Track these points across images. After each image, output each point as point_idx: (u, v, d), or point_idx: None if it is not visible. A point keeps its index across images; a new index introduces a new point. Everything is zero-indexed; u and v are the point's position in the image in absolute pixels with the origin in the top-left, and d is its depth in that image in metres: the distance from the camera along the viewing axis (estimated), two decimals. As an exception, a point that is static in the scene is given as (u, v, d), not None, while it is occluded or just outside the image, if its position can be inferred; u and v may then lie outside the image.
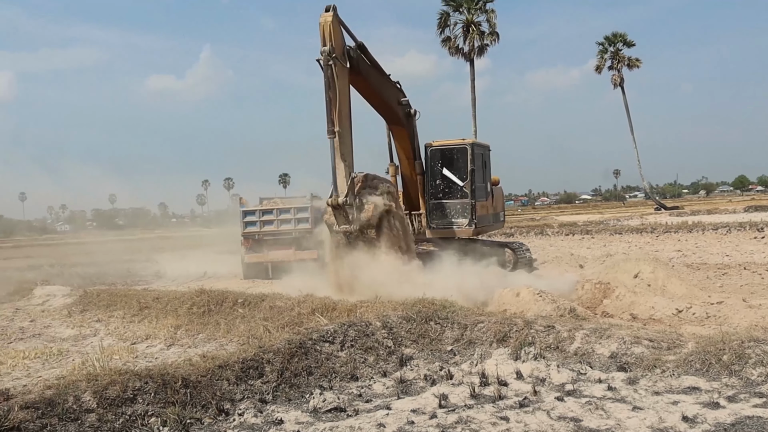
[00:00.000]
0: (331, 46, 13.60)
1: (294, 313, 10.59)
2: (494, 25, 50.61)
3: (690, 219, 33.36)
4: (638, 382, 6.47)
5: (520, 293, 11.66)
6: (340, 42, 14.01)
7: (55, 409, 5.71)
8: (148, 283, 20.17)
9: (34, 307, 16.08)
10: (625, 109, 61.96)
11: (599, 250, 24.47)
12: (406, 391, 6.86)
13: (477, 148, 17.86)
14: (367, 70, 15.49)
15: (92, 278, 22.54)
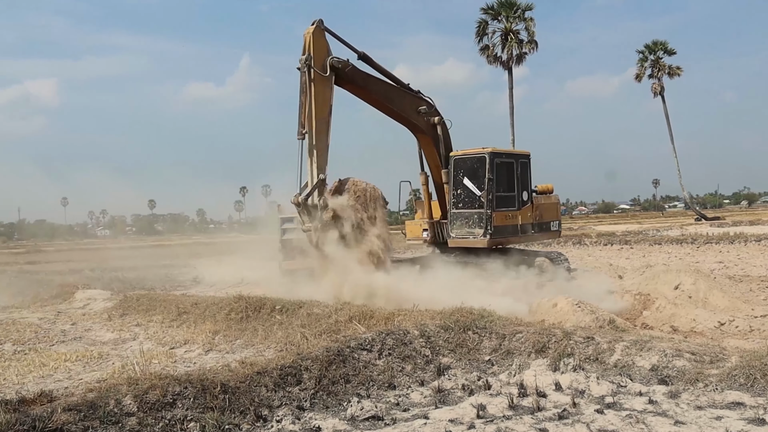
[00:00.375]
0: (309, 55, 14.62)
1: (331, 320, 10.61)
2: (533, 34, 50.47)
3: (732, 230, 32.84)
4: (680, 396, 6.37)
5: (558, 304, 11.56)
6: (320, 52, 14.90)
7: (97, 412, 5.79)
8: (187, 289, 20.35)
9: (75, 311, 16.32)
10: (665, 118, 61.21)
11: (638, 261, 24.20)
12: (443, 401, 6.83)
13: (499, 157, 17.55)
14: (364, 80, 16.13)
15: (131, 283, 22.80)
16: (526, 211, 18.02)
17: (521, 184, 17.98)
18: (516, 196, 17.82)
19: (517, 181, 17.85)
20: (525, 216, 18.03)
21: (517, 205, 17.79)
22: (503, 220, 17.47)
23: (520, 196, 17.92)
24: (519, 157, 18.45)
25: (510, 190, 17.77)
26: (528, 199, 18.14)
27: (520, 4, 49.95)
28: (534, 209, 18.35)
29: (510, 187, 17.77)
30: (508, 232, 17.70)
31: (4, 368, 10.07)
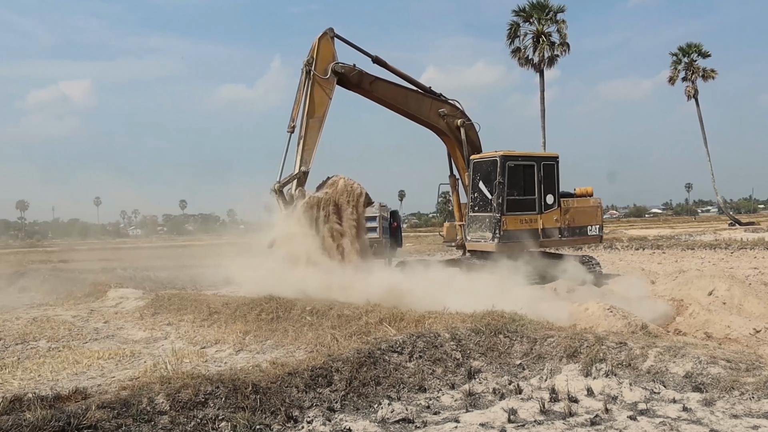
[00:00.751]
0: (311, 58, 15.89)
1: (362, 322, 10.61)
2: (565, 36, 50.16)
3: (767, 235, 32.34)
4: (715, 403, 6.28)
5: (589, 308, 11.48)
6: (325, 57, 16.10)
7: (130, 410, 5.85)
8: (217, 289, 20.47)
9: (107, 309, 16.51)
10: (699, 121, 60.47)
11: (671, 266, 23.93)
12: (474, 405, 6.80)
13: (513, 160, 17.43)
14: (371, 84, 16.96)
15: (163, 282, 22.99)
16: (551, 215, 17.80)
17: (544, 188, 17.77)
18: (536, 199, 17.66)
19: (539, 185, 17.68)
20: (549, 220, 17.82)
21: (538, 209, 17.63)
22: (517, 225, 17.38)
23: (543, 200, 17.73)
24: (542, 159, 18.15)
25: (528, 194, 17.62)
26: (554, 202, 17.92)
27: (552, 6, 49.67)
28: (563, 213, 18.11)
29: (528, 191, 17.62)
30: (524, 237, 17.51)
31: (39, 365, 10.22)
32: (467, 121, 18.21)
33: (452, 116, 18.11)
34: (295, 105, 15.83)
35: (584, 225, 18.59)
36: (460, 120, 18.06)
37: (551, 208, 17.85)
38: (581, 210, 18.57)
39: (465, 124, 18.06)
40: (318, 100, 15.89)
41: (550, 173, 17.98)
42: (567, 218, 18.16)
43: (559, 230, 18.03)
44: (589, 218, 18.70)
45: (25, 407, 5.75)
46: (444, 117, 18.02)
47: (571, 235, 18.40)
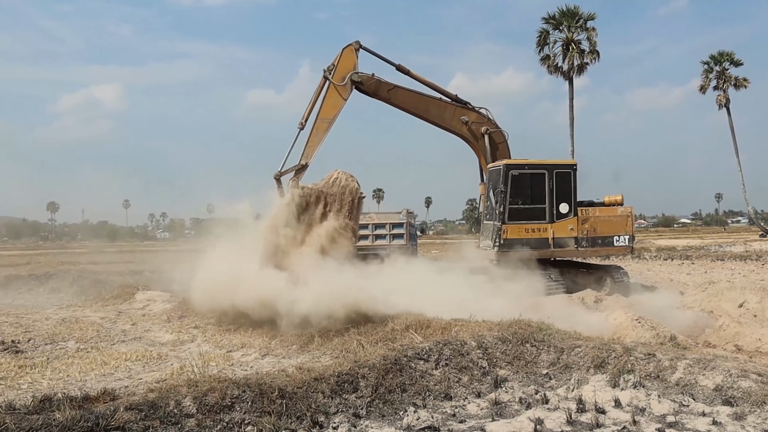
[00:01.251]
0: (333, 65, 16.75)
1: (388, 328, 10.62)
2: (594, 44, 49.73)
3: (799, 247, 31.90)
4: (746, 418, 6.19)
5: (617, 318, 11.37)
6: (345, 66, 16.89)
7: (157, 412, 5.89)
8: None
9: (135, 311, 16.67)
10: (730, 131, 59.75)
11: (700, 277, 23.66)
12: (500, 414, 6.76)
13: (518, 169, 17.49)
14: (389, 92, 17.52)
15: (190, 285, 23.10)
16: (565, 224, 17.61)
17: (557, 196, 17.62)
18: (547, 208, 17.56)
19: (551, 193, 17.59)
20: (563, 229, 17.66)
21: (549, 218, 17.53)
22: (521, 233, 17.40)
23: (555, 209, 17.59)
24: (554, 168, 17.90)
25: (536, 202, 17.55)
26: (570, 211, 17.71)
27: (582, 14, 49.31)
28: (581, 222, 17.84)
29: (537, 200, 17.55)
30: (530, 246, 17.47)
31: (68, 365, 10.34)
32: (494, 129, 18.19)
33: (478, 123, 18.13)
34: (310, 104, 16.75)
35: (609, 235, 18.13)
36: (485, 128, 18.07)
37: (565, 217, 17.65)
38: (605, 219, 18.19)
39: (490, 131, 18.07)
40: (330, 103, 16.74)
41: (564, 182, 17.75)
42: (586, 227, 17.84)
43: (575, 240, 17.75)
44: (615, 228, 18.21)
45: (55, 407, 5.81)
46: (467, 124, 18.11)
47: (592, 245, 18.01)
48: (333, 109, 16.81)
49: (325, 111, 16.64)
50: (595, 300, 14.72)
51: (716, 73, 58.85)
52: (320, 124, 16.60)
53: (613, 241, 18.18)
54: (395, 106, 17.82)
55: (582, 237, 17.80)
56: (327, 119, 16.70)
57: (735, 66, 58.70)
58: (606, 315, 11.80)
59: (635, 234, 18.64)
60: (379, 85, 17.33)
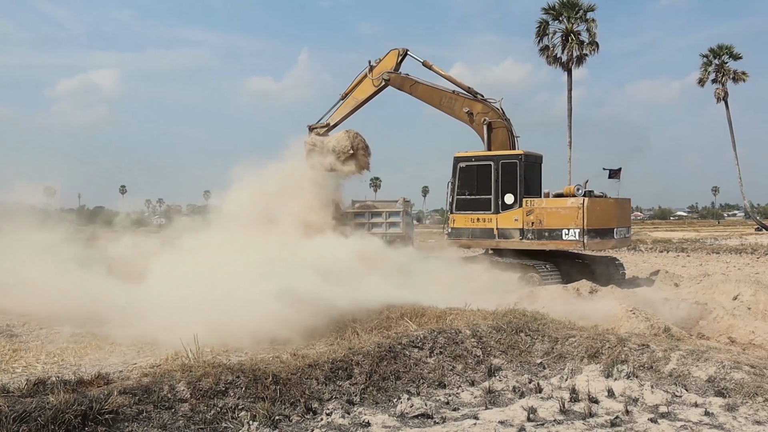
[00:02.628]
0: (378, 60, 20.29)
1: (382, 316, 10.63)
2: (594, 35, 49.64)
3: (794, 241, 31.96)
4: (738, 409, 6.22)
5: (612, 309, 11.40)
6: (384, 66, 20.17)
7: (151, 397, 5.91)
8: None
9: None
10: (728, 124, 59.75)
11: (695, 269, 23.71)
12: (494, 402, 6.79)
13: (465, 161, 18.27)
14: (410, 87, 19.99)
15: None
16: (510, 216, 17.60)
17: (502, 187, 17.71)
18: (492, 199, 17.74)
19: (496, 184, 17.69)
20: (507, 220, 17.66)
21: (494, 209, 17.68)
22: (466, 223, 18.05)
23: (500, 200, 17.71)
24: (501, 159, 17.91)
25: (482, 193, 17.87)
26: (515, 202, 17.63)
27: (582, 5, 49.20)
28: (526, 213, 17.52)
29: (482, 190, 17.86)
30: (475, 235, 18.01)
31: (63, 350, 10.32)
32: (496, 119, 18.35)
33: (482, 114, 18.56)
34: (353, 83, 20.65)
35: (557, 228, 17.24)
36: (485, 118, 18.31)
37: (510, 208, 17.63)
38: (553, 211, 17.40)
39: (488, 121, 18.30)
40: (362, 88, 20.53)
41: (510, 173, 17.73)
42: (531, 219, 17.44)
43: (521, 231, 17.54)
44: (564, 220, 17.15)
45: (49, 390, 5.82)
46: (470, 115, 18.61)
47: (537, 237, 17.43)
48: (362, 93, 20.52)
49: (358, 92, 20.59)
50: (591, 290, 14.74)
51: (715, 66, 58.73)
52: (350, 101, 20.68)
53: (561, 234, 17.23)
54: (417, 98, 20.09)
55: (527, 229, 17.48)
56: (356, 98, 20.60)
57: (734, 59, 58.59)
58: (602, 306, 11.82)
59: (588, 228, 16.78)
60: (403, 81, 19.99)
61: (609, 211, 17.56)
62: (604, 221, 17.23)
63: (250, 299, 10.75)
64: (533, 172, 18.31)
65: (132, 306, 12.06)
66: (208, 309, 10.39)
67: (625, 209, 18.86)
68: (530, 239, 17.47)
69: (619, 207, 18.26)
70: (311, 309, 10.60)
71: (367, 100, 20.60)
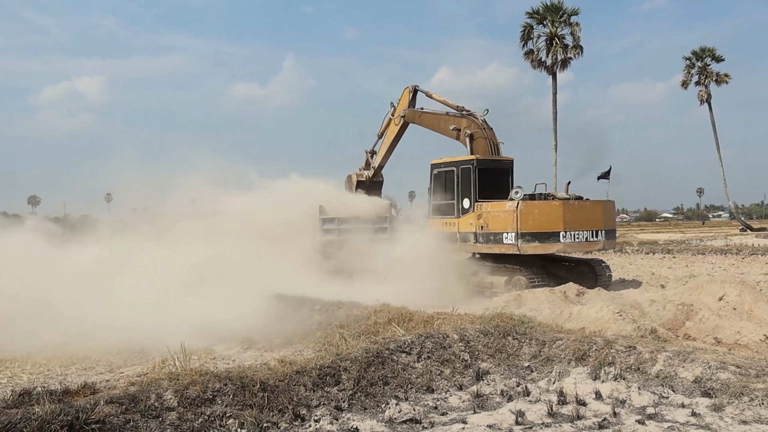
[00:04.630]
0: (396, 103, 22.33)
1: (370, 322, 10.62)
2: (578, 39, 49.76)
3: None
4: (724, 409, 6.25)
5: (599, 311, 11.43)
6: (402, 105, 22.10)
7: (138, 406, 5.87)
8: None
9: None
10: (711, 126, 60.14)
11: (681, 271, 23.84)
12: (482, 406, 6.79)
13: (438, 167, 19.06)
14: (418, 118, 21.57)
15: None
16: (467, 219, 17.70)
17: (461, 192, 17.87)
18: (455, 204, 18.01)
19: (456, 189, 17.89)
20: (465, 224, 17.72)
21: (456, 213, 17.91)
22: (441, 227, 18.37)
23: (460, 204, 17.88)
24: (460, 164, 18.22)
25: (448, 198, 18.19)
26: (470, 206, 17.70)
27: (566, 9, 49.33)
28: (477, 217, 17.53)
29: (448, 196, 18.17)
30: (447, 240, 18.19)
31: (49, 359, 10.27)
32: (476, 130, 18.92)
33: (466, 128, 19.14)
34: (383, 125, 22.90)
35: (498, 231, 17.13)
36: (467, 131, 19.06)
37: (467, 212, 17.83)
38: (494, 215, 17.33)
39: (471, 134, 19.02)
40: (390, 130, 22.44)
41: (466, 177, 17.89)
42: (480, 223, 17.47)
43: (474, 235, 17.63)
44: (503, 224, 17.00)
45: (34, 401, 5.78)
46: (457, 131, 19.34)
47: (486, 241, 17.38)
48: (391, 135, 22.41)
49: (388, 134, 22.61)
50: (578, 293, 14.80)
51: (698, 68, 59.19)
52: (384, 143, 22.76)
53: (502, 238, 17.04)
54: (425, 126, 21.44)
55: (479, 232, 17.48)
56: (388, 140, 22.54)
57: (716, 62, 59.07)
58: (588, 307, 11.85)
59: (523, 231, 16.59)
60: (414, 115, 21.68)
61: (554, 215, 16.75)
62: (545, 225, 16.64)
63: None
64: (492, 177, 18.12)
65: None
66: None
67: (594, 212, 17.65)
68: (481, 243, 17.49)
69: (585, 210, 17.43)
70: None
71: (397, 140, 22.48)
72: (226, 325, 11.71)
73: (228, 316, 12.03)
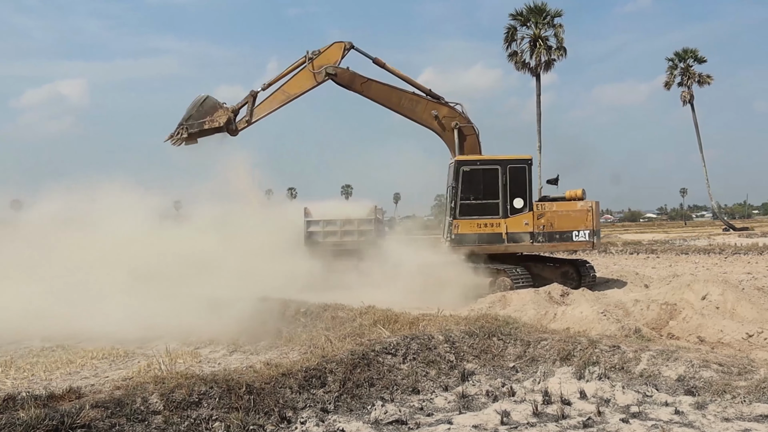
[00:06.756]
0: (318, 52, 18.27)
1: (356, 324, 10.63)
2: (562, 40, 50.04)
3: (761, 240, 32.45)
4: (707, 407, 6.30)
5: (583, 311, 11.50)
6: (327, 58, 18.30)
7: (124, 410, 5.84)
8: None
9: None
10: (694, 127, 60.57)
11: (664, 270, 24.00)
12: (467, 407, 6.81)
13: (469, 165, 17.87)
14: (362, 85, 18.56)
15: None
16: (519, 219, 17.75)
17: (511, 191, 17.78)
18: (500, 203, 17.73)
19: (504, 189, 17.73)
20: (517, 224, 17.77)
21: (503, 213, 17.70)
22: (472, 228, 17.69)
23: (508, 204, 17.75)
24: (508, 163, 18.04)
25: (489, 198, 17.74)
26: (524, 206, 17.83)
27: (549, 11, 49.61)
28: (537, 217, 17.87)
29: (489, 195, 17.74)
30: (483, 241, 17.75)
31: (33, 364, 10.22)
32: (464, 123, 18.37)
33: (449, 118, 18.47)
34: (280, 74, 18.34)
35: (567, 230, 18.00)
36: (455, 122, 18.26)
37: (519, 212, 17.78)
38: (563, 214, 18.11)
39: (460, 126, 18.25)
40: (297, 82, 18.25)
41: (518, 176, 17.90)
42: (542, 222, 17.85)
43: (531, 235, 17.82)
44: (574, 223, 18.02)
45: (19, 406, 5.74)
46: (437, 118, 18.45)
47: (549, 240, 17.96)
48: (297, 88, 18.22)
49: (290, 86, 18.18)
50: (562, 293, 14.87)
51: (681, 69, 59.66)
52: (279, 95, 18.23)
53: (572, 236, 18.00)
54: (369, 98, 18.60)
55: (539, 232, 17.81)
56: (287, 93, 18.22)
57: (699, 63, 59.64)
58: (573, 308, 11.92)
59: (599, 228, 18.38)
60: (353, 78, 18.30)
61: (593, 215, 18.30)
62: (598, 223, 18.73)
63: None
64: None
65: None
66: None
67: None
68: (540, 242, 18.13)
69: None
70: None
71: (300, 96, 18.46)
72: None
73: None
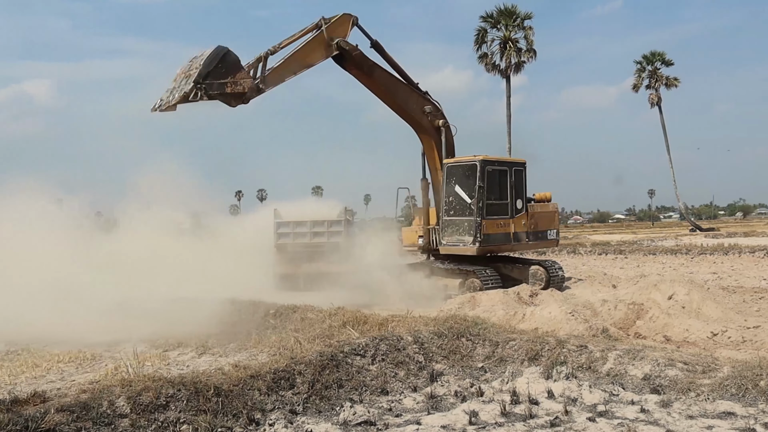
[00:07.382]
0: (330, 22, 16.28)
1: (325, 325, 10.61)
2: (531, 42, 50.30)
3: (726, 241, 32.86)
4: (672, 405, 6.38)
5: (551, 312, 11.58)
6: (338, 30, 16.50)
7: (90, 413, 5.78)
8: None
9: (69, 312, 16.24)
10: (662, 129, 61.29)
11: (632, 271, 24.25)
12: (436, 407, 6.83)
13: (491, 165, 17.61)
14: (370, 68, 17.24)
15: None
16: (520, 220, 17.98)
17: (515, 192, 17.95)
18: (509, 204, 17.82)
19: (511, 189, 17.84)
20: (519, 224, 17.98)
21: (510, 213, 17.79)
22: (494, 228, 17.50)
23: (514, 204, 17.89)
24: (513, 164, 18.38)
25: (502, 198, 17.78)
26: (523, 207, 18.12)
27: (519, 13, 49.86)
28: (529, 217, 18.30)
29: (503, 195, 17.78)
30: (499, 240, 17.74)
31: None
32: (447, 122, 18.44)
33: (435, 116, 18.38)
34: (291, 38, 16.05)
35: (545, 229, 18.99)
36: (441, 120, 18.31)
37: (520, 212, 18.06)
38: (542, 215, 18.98)
39: (445, 125, 18.32)
40: (309, 51, 16.21)
41: (519, 178, 18.21)
42: (532, 223, 18.40)
43: (526, 234, 18.25)
44: (548, 223, 19.26)
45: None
46: (428, 115, 18.25)
47: (535, 239, 18.76)
48: (311, 59, 16.35)
49: (303, 53, 16.12)
50: (531, 294, 14.96)
51: (648, 72, 60.33)
52: (291, 63, 15.96)
53: (547, 235, 19.16)
54: (369, 84, 17.61)
55: (530, 232, 18.38)
56: (299, 61, 16.14)
57: (666, 66, 60.36)
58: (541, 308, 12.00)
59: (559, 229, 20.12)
60: (363, 59, 17.11)
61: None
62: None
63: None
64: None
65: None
66: None
67: None
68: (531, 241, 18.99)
69: None
70: None
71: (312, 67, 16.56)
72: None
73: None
